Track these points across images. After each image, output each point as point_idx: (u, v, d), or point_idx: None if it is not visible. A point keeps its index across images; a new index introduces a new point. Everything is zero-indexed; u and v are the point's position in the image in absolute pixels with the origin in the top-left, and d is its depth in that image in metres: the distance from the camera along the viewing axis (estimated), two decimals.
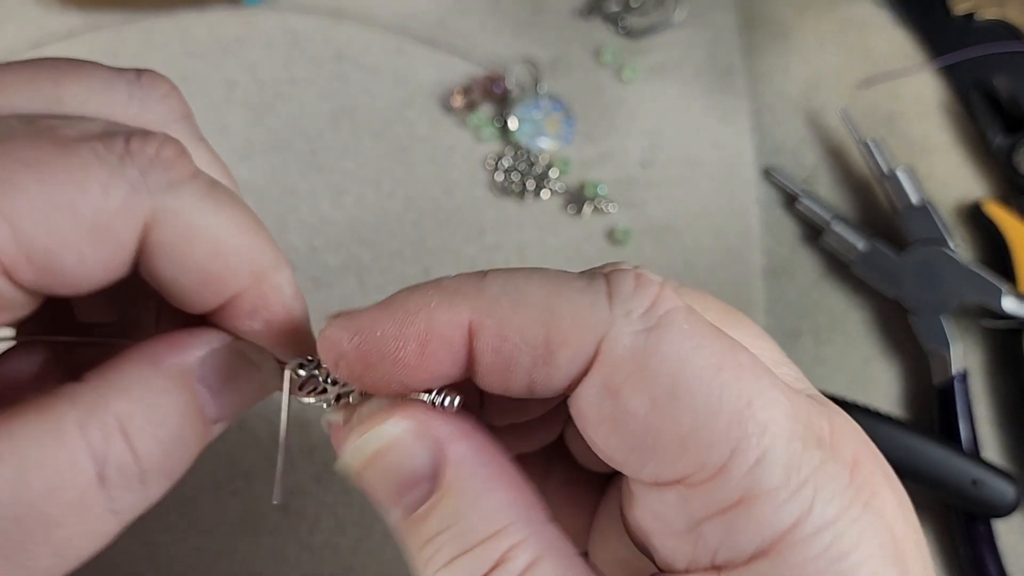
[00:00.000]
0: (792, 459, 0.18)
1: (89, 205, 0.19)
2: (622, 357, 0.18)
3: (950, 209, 0.45)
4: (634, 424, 0.18)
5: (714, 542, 0.18)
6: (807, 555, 0.17)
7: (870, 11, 0.48)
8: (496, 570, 0.18)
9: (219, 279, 0.21)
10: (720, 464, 0.17)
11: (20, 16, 0.46)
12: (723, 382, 0.18)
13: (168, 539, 0.40)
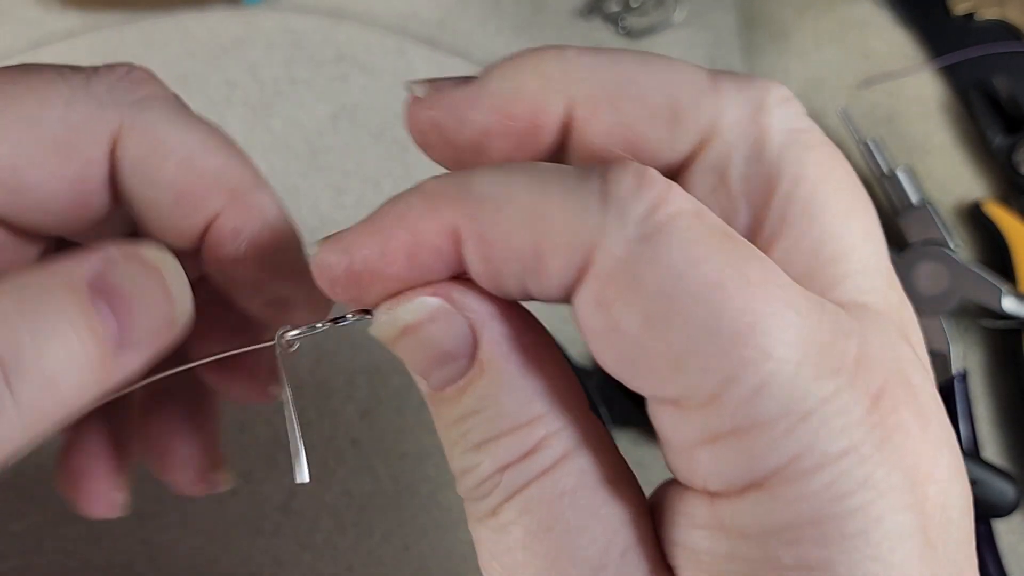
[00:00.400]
0: (797, 389, 0.15)
1: (52, 117, 0.19)
2: (613, 269, 0.16)
3: (950, 209, 0.45)
4: (626, 341, 0.16)
5: (705, 470, 0.16)
6: (802, 492, 0.15)
7: (870, 11, 0.48)
8: (527, 459, 0.17)
9: (193, 196, 0.20)
10: (714, 391, 0.16)
11: (19, 16, 0.46)
12: (723, 300, 0.15)
13: (167, 539, 0.40)
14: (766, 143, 0.19)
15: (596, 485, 0.17)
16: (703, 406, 0.16)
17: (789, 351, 0.15)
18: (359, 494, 0.40)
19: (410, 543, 0.40)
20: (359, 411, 0.41)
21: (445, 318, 0.18)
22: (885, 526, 0.15)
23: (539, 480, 0.17)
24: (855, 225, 0.19)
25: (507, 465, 0.17)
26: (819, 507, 0.15)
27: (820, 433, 0.15)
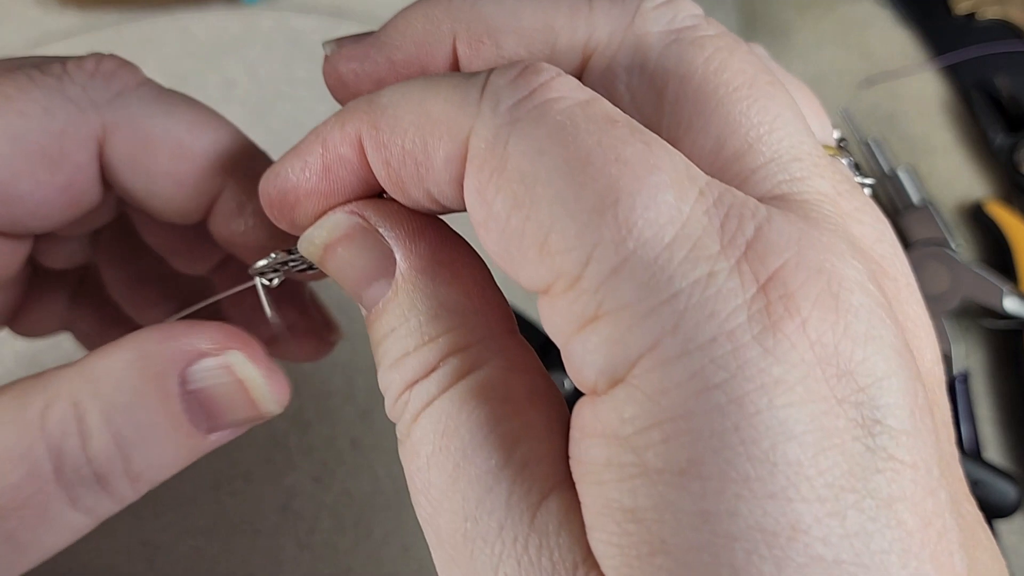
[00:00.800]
0: (663, 268, 0.14)
1: (33, 129, 0.19)
2: (484, 152, 0.16)
3: (951, 209, 0.44)
4: (500, 227, 0.16)
5: (578, 361, 0.15)
6: (665, 383, 0.14)
7: (871, 11, 0.48)
8: (431, 375, 0.17)
9: (191, 181, 0.20)
10: (576, 273, 0.15)
11: (18, 16, 0.46)
12: (587, 177, 0.15)
13: (167, 539, 0.39)
14: (646, 50, 0.18)
15: (501, 399, 0.17)
16: (568, 290, 0.15)
17: (655, 231, 0.14)
18: (358, 494, 0.40)
19: (409, 544, 0.40)
20: (358, 412, 0.41)
21: (362, 236, 0.18)
22: (765, 421, 0.13)
23: (440, 398, 0.17)
24: (761, 115, 0.17)
25: (413, 382, 0.17)
26: (684, 400, 0.14)
27: (686, 317, 0.14)
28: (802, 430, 0.13)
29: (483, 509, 0.16)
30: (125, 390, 0.18)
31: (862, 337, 0.14)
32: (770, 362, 0.14)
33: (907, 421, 0.14)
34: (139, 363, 0.19)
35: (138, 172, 0.20)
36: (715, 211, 0.15)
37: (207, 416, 0.19)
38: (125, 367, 0.19)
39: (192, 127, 0.20)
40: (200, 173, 0.20)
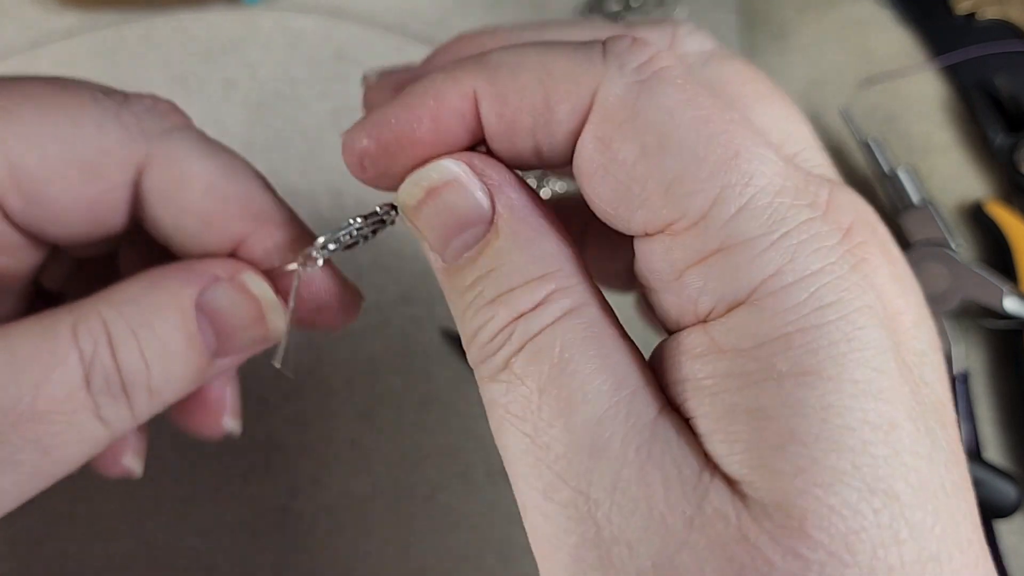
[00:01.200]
0: (777, 211, 0.17)
1: (82, 139, 0.20)
2: (613, 106, 0.18)
3: (951, 209, 0.44)
4: (623, 172, 0.18)
5: (695, 291, 0.18)
6: (785, 304, 0.17)
7: (871, 10, 0.48)
8: (539, 309, 0.18)
9: (220, 221, 0.22)
10: (702, 211, 0.17)
11: (18, 16, 0.46)
12: (711, 133, 0.18)
13: (167, 539, 0.39)
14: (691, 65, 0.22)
15: (604, 336, 0.18)
16: (692, 226, 0.18)
17: (769, 180, 0.18)
18: (358, 495, 0.40)
19: (409, 544, 0.40)
20: (358, 412, 0.41)
21: (465, 183, 0.19)
22: (865, 336, 0.17)
23: (551, 328, 0.18)
24: (779, 117, 0.22)
25: (520, 315, 0.18)
26: (804, 316, 0.17)
27: (799, 250, 0.17)
28: (886, 347, 0.17)
29: (603, 427, 0.17)
30: (147, 309, 0.20)
31: (904, 285, 0.19)
32: (861, 291, 0.17)
33: (931, 351, 0.19)
34: (159, 286, 0.20)
35: (170, 204, 0.21)
36: (799, 175, 0.18)
37: (217, 337, 0.21)
38: (145, 290, 0.20)
39: (227, 172, 0.22)
40: (230, 215, 0.22)
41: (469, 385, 0.41)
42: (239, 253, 0.22)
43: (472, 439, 0.41)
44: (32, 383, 0.18)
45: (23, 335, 0.19)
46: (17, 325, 0.19)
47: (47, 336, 0.19)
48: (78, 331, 0.19)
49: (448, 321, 0.42)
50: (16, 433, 0.18)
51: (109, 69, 0.45)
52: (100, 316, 0.20)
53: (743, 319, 0.17)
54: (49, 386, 0.19)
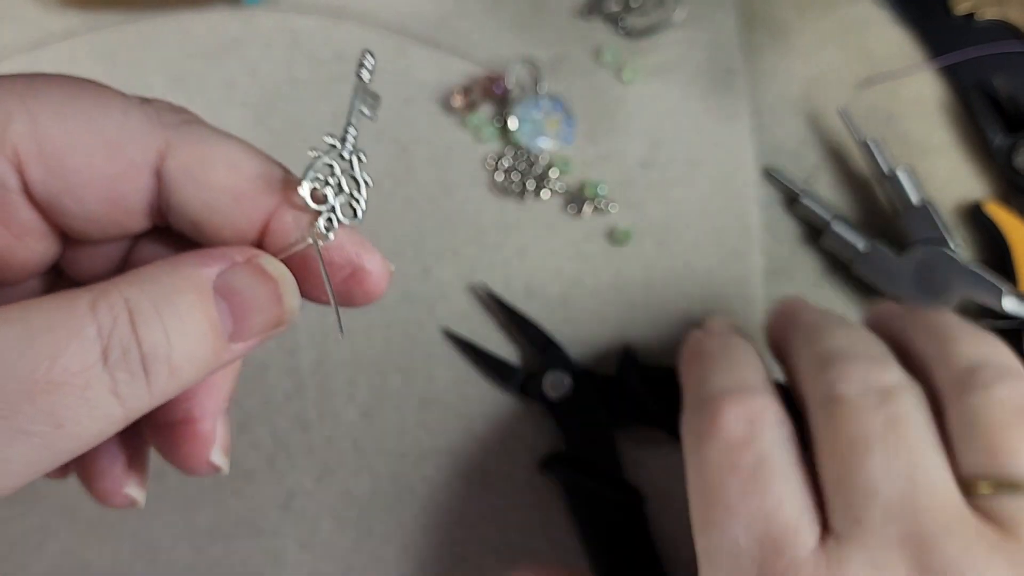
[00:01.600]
0: None
1: (108, 119, 0.21)
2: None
3: (950, 209, 0.45)
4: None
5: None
6: None
7: (870, 11, 0.48)
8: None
9: (248, 196, 0.22)
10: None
11: (19, 16, 0.46)
12: (709, 497, 0.27)
13: (169, 539, 0.40)
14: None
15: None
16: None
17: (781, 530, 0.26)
18: (359, 494, 0.40)
19: (410, 543, 0.40)
20: (360, 412, 0.41)
21: None
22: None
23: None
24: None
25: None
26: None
27: None
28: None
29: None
30: (168, 287, 0.20)
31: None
32: None
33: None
34: (178, 267, 0.21)
35: (197, 184, 0.22)
36: (759, 553, 0.26)
37: (234, 320, 0.21)
38: (165, 271, 0.21)
39: (245, 151, 0.23)
40: (254, 188, 0.22)
41: (470, 386, 0.41)
42: (271, 226, 0.23)
43: (473, 439, 0.41)
44: (47, 354, 0.18)
45: (39, 308, 0.19)
46: (34, 300, 0.19)
47: (64, 308, 0.19)
48: (97, 305, 0.19)
49: (449, 320, 0.42)
50: (29, 404, 0.18)
51: (110, 69, 0.45)
52: (120, 292, 0.20)
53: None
54: (64, 357, 0.18)
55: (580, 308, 0.43)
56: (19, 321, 0.18)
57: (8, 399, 0.18)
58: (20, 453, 0.18)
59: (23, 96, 0.20)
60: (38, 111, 0.20)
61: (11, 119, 0.20)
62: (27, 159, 0.20)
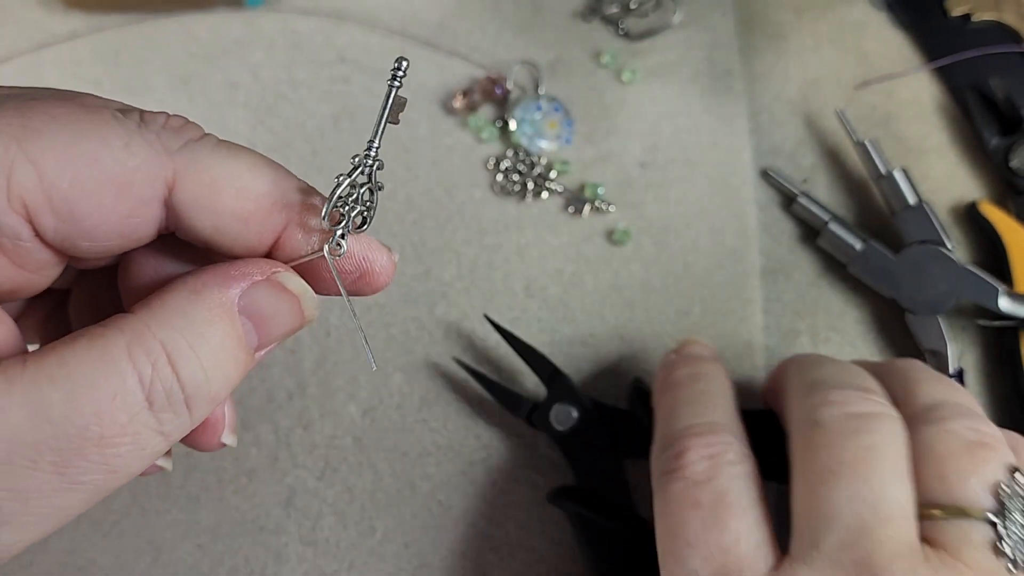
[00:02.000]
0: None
1: (111, 158, 0.21)
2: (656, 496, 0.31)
3: (946, 210, 0.45)
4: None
5: None
6: None
7: (867, 13, 0.48)
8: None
9: (254, 217, 0.22)
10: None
11: (22, 18, 0.46)
12: (675, 541, 0.29)
13: (171, 537, 0.40)
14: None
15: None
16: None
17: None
18: (360, 492, 0.41)
19: (410, 541, 0.40)
20: (361, 410, 0.42)
21: None
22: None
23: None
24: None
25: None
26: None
27: None
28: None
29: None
30: (198, 321, 0.21)
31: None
32: None
33: None
34: (202, 295, 0.21)
35: (206, 212, 0.22)
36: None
37: (258, 334, 0.22)
38: (191, 301, 0.21)
39: (252, 169, 0.23)
40: (262, 210, 0.23)
41: (470, 385, 0.41)
42: (282, 241, 0.23)
43: (473, 437, 0.41)
44: (94, 411, 0.19)
45: (80, 361, 0.19)
46: (71, 349, 0.20)
47: (104, 361, 0.19)
48: (134, 353, 0.20)
49: (449, 318, 0.42)
50: (82, 457, 0.19)
51: (112, 70, 0.46)
52: (155, 336, 0.20)
53: None
54: (112, 413, 0.19)
55: (580, 308, 0.43)
56: (63, 380, 0.19)
57: (63, 455, 0.19)
58: (74, 500, 0.19)
59: (21, 140, 0.20)
60: (39, 158, 0.20)
61: (14, 168, 0.20)
62: (36, 209, 0.20)
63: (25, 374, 0.19)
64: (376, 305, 0.43)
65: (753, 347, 0.43)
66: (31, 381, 0.19)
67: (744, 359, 0.43)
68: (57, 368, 0.19)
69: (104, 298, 0.26)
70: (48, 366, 0.19)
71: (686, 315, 0.43)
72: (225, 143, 0.23)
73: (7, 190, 0.19)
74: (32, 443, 0.19)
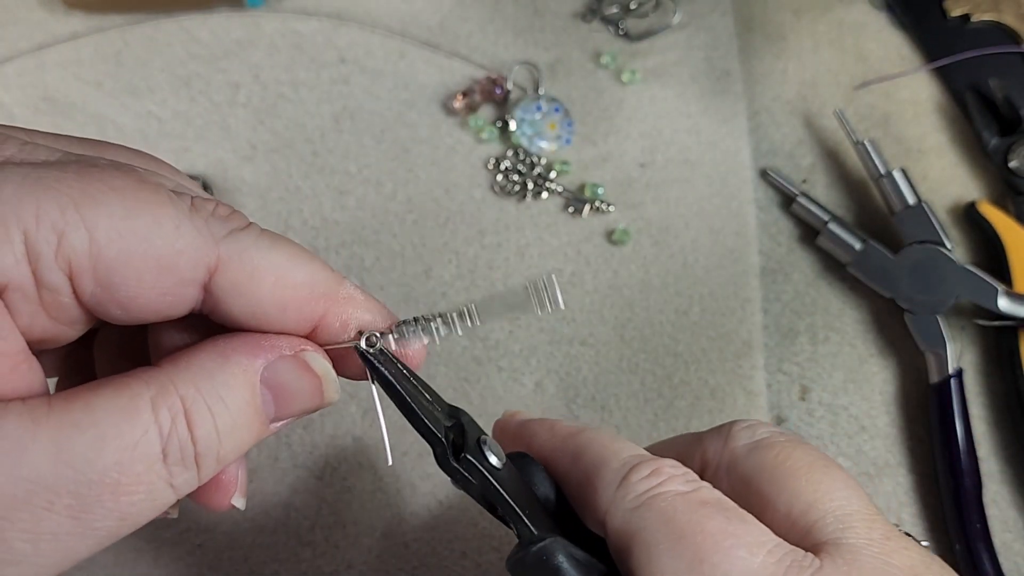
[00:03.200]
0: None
1: (161, 238, 0.21)
2: (616, 529, 0.25)
3: (945, 210, 0.45)
4: (634, 573, 0.25)
5: None
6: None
7: (866, 14, 0.49)
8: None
9: (292, 305, 0.23)
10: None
11: (24, 19, 0.46)
12: (685, 544, 0.24)
13: (171, 536, 0.40)
14: (737, 457, 0.27)
15: None
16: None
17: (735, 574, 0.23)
18: (360, 491, 0.41)
19: (409, 540, 0.40)
20: (361, 409, 0.42)
21: None
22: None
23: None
24: (815, 484, 0.25)
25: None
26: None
27: None
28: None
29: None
30: (220, 384, 0.22)
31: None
32: None
33: None
34: (230, 360, 0.22)
35: (243, 300, 0.23)
36: (780, 563, 0.23)
37: (276, 407, 0.23)
38: (218, 363, 0.22)
39: (292, 259, 0.23)
40: (299, 299, 0.23)
41: (469, 384, 0.42)
42: (318, 329, 0.24)
43: None
44: (115, 459, 0.20)
45: (107, 411, 0.20)
46: (98, 397, 0.20)
47: (129, 411, 0.20)
48: (156, 406, 0.21)
49: None
50: (99, 504, 0.20)
51: (114, 71, 0.46)
52: (177, 391, 0.21)
53: None
54: (132, 463, 0.20)
55: (580, 308, 0.43)
56: (89, 426, 0.19)
57: (81, 500, 0.19)
58: (84, 546, 0.20)
59: (80, 204, 0.20)
60: (94, 225, 0.20)
61: (69, 230, 0.20)
62: (79, 272, 0.21)
63: (51, 417, 0.19)
64: None
65: (752, 347, 0.43)
66: (56, 425, 0.19)
67: (743, 359, 0.43)
68: (83, 414, 0.20)
69: (132, 342, 0.27)
70: (74, 411, 0.20)
71: (685, 315, 0.43)
72: (268, 233, 0.23)
73: (57, 248, 0.20)
74: (52, 486, 0.19)
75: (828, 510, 0.25)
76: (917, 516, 0.41)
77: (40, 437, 0.19)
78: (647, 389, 0.42)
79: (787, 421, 0.42)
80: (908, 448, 0.42)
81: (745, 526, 0.23)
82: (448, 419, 0.27)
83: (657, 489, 0.25)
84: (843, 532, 0.24)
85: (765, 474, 0.26)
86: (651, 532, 0.24)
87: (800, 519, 0.25)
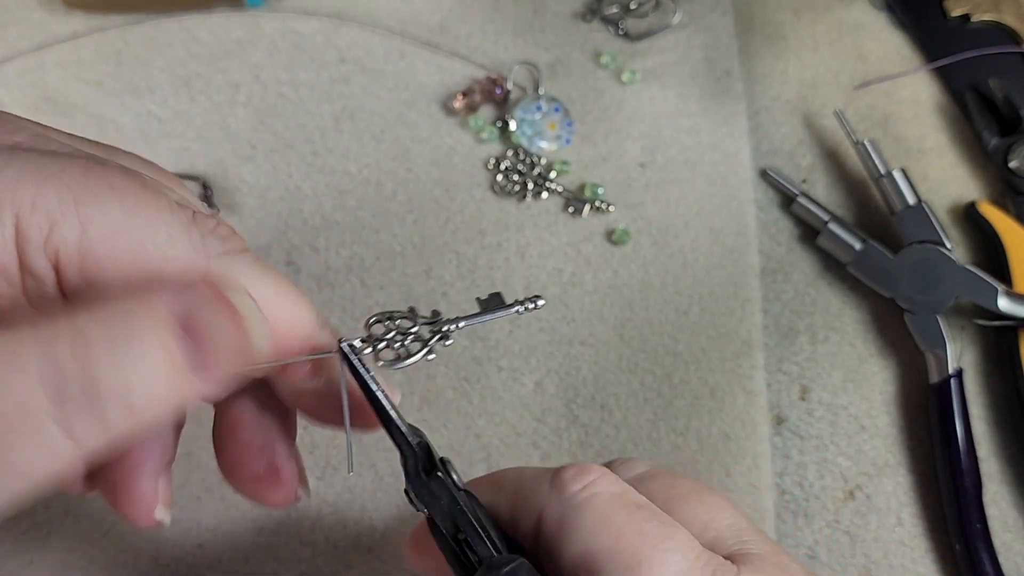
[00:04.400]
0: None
1: (153, 242, 0.21)
2: (552, 525, 0.26)
3: (945, 210, 0.45)
4: (568, 566, 0.25)
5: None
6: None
7: (866, 14, 0.49)
8: None
9: (274, 336, 0.23)
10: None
11: (24, 18, 0.46)
12: (621, 546, 0.24)
13: (171, 536, 0.40)
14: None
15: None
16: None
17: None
18: (360, 490, 0.41)
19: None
20: None
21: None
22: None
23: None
24: (712, 507, 0.28)
25: None
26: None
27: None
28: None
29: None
30: (122, 318, 0.19)
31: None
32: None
33: None
34: (135, 297, 0.20)
35: None
36: (708, 567, 0.24)
37: (196, 354, 0.20)
38: (127, 300, 0.20)
39: (279, 294, 0.23)
40: (278, 333, 0.23)
41: (470, 384, 0.42)
42: (290, 370, 0.24)
43: (472, 437, 0.41)
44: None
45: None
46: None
47: (9, 340, 0.18)
48: (44, 336, 0.18)
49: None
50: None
51: (114, 71, 0.46)
52: (73, 324, 0.19)
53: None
54: (12, 392, 0.18)
55: (580, 308, 0.43)
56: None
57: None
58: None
59: (79, 197, 0.20)
60: (89, 221, 0.20)
61: (62, 221, 0.20)
62: (66, 264, 0.20)
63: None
64: (377, 306, 0.43)
65: (752, 346, 0.43)
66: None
67: (743, 358, 0.43)
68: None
69: None
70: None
71: (685, 315, 0.43)
72: (261, 262, 0.23)
73: (47, 236, 0.20)
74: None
75: (724, 527, 0.27)
76: (917, 516, 0.41)
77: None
78: (647, 389, 0.42)
79: (787, 421, 0.42)
80: (908, 448, 0.42)
81: (678, 531, 0.25)
82: (413, 436, 0.26)
83: (592, 488, 0.25)
84: (744, 544, 0.26)
85: (658, 500, 0.27)
86: (589, 532, 0.24)
87: (700, 536, 0.26)
